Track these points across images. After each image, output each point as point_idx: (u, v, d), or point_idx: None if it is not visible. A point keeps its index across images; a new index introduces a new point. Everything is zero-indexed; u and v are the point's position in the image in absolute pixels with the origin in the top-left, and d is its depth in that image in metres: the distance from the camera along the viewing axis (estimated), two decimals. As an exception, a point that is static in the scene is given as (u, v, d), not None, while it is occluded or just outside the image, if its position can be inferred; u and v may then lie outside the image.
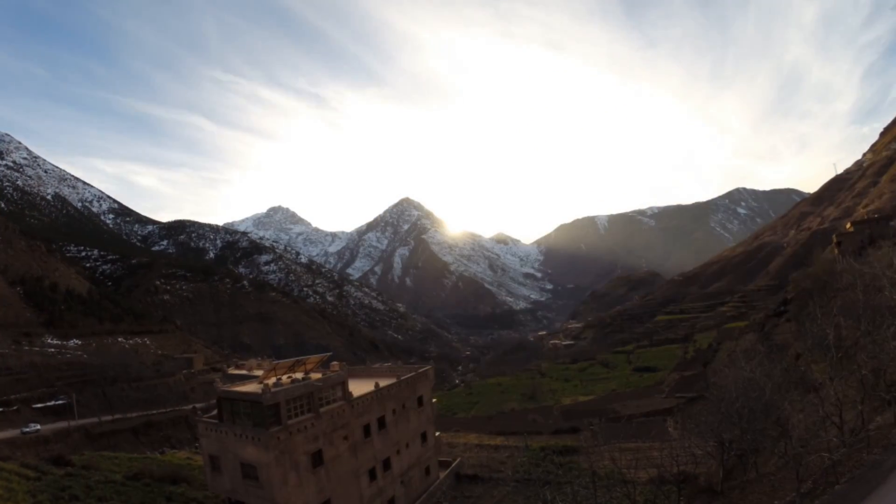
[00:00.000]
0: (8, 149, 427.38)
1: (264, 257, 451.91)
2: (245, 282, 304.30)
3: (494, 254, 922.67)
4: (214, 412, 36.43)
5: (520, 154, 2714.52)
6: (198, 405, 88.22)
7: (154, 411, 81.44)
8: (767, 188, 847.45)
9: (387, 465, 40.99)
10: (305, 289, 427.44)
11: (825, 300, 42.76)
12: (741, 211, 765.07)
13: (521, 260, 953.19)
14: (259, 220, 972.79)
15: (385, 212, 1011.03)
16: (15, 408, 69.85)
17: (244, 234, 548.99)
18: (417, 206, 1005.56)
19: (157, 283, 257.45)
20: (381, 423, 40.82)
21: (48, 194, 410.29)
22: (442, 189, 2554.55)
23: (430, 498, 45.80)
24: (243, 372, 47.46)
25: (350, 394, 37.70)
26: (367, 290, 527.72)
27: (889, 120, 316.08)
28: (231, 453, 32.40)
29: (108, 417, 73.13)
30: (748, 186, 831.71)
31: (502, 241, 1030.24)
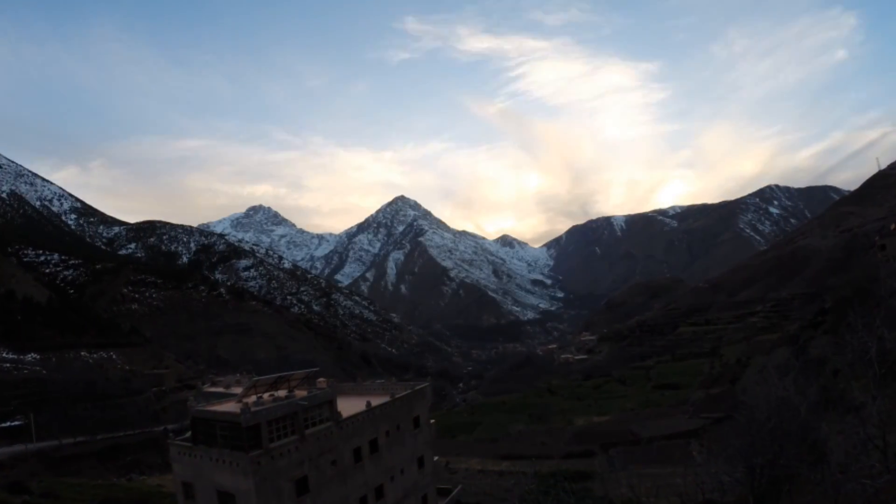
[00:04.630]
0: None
1: (243, 262, 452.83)
2: (222, 289, 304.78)
3: (499, 258, 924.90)
4: (188, 434, 36.38)
5: (526, 148, 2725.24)
6: (169, 426, 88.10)
7: (121, 433, 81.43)
8: (803, 185, 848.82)
9: (379, 493, 40.87)
10: (289, 297, 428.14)
11: (867, 309, 42.68)
12: (773, 210, 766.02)
13: (529, 265, 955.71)
14: (237, 221, 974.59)
15: (378, 211, 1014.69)
16: (-34, 429, 69.82)
17: (221, 236, 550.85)
18: (413, 205, 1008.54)
19: (125, 290, 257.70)
20: (374, 446, 40.72)
21: (3, 192, 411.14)
22: (441, 186, 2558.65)
23: (427, 530, 45.64)
24: (220, 389, 47.48)
25: (339, 414, 37.65)
26: (357, 298, 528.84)
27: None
28: (206, 480, 32.32)
29: (70, 440, 73.00)
30: (781, 183, 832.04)
31: (508, 243, 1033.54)
